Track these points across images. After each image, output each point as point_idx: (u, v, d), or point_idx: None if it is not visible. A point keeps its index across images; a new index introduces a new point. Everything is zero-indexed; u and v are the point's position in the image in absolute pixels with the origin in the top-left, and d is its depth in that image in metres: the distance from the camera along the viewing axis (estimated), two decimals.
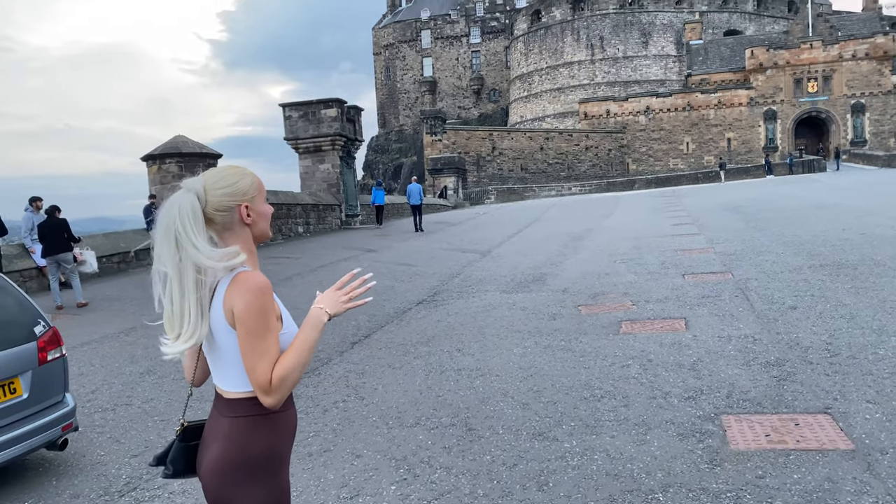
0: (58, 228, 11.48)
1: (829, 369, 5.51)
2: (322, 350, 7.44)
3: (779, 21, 74.74)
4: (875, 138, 59.97)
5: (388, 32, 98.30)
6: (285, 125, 25.30)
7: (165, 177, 18.32)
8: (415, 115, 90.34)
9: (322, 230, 24.04)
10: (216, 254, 2.02)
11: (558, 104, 76.61)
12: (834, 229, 14.00)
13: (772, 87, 61.65)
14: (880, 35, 60.57)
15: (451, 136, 60.87)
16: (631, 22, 74.03)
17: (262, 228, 2.18)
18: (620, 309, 8.50)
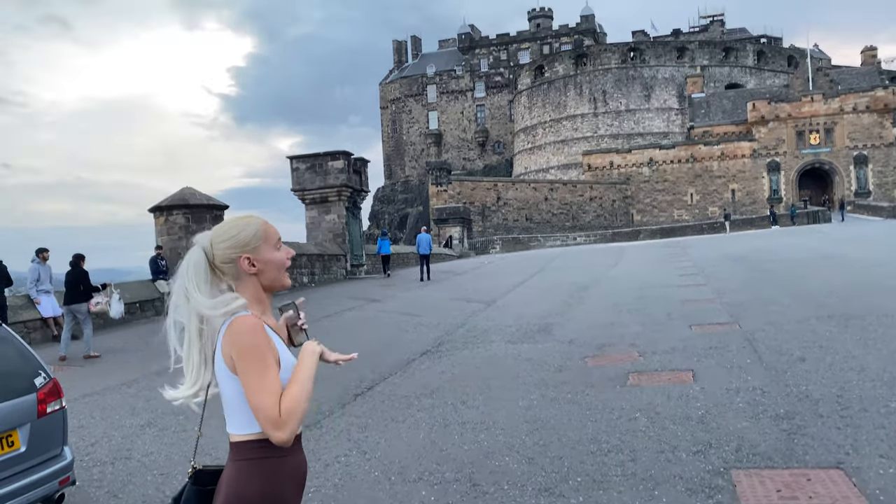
0: (75, 279, 11.59)
1: (840, 423, 5.40)
2: (324, 402, 7.35)
3: (779, 75, 76.02)
4: (879, 189, 60.23)
5: (395, 87, 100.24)
6: (292, 177, 25.58)
7: (172, 228, 18.46)
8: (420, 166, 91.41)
9: (327, 280, 24.05)
10: (211, 302, 2.09)
11: (562, 156, 77.45)
12: (841, 280, 13.93)
13: (774, 139, 62.27)
14: (880, 89, 61.43)
15: (457, 186, 61.42)
16: (633, 76, 75.35)
17: (272, 277, 2.19)
18: (627, 360, 8.41)
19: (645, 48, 77.45)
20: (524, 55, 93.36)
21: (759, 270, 17.44)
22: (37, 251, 13.54)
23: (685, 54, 75.68)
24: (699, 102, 70.24)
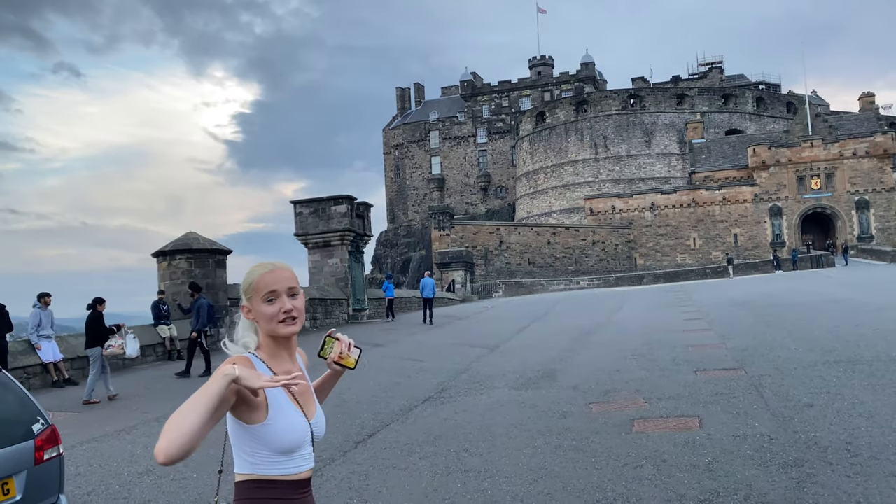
0: (88, 323, 11.83)
1: (850, 470, 5.29)
2: (325, 450, 7.24)
3: (778, 121, 76.83)
4: (882, 234, 60.27)
5: (398, 133, 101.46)
6: (296, 221, 25.72)
7: (175, 273, 18.48)
8: (423, 210, 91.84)
9: (329, 324, 23.95)
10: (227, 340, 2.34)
11: (564, 200, 77.86)
12: (847, 325, 13.83)
13: (775, 183, 62.61)
14: (879, 134, 61.98)
15: (459, 230, 61.60)
16: (633, 122, 76.23)
17: (265, 328, 2.28)
18: (632, 406, 8.30)
19: (645, 95, 78.51)
20: (525, 102, 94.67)
21: (764, 315, 17.34)
22: (38, 296, 13.54)
23: (685, 101, 76.68)
24: (700, 148, 70.88)
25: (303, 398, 2.32)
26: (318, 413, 2.38)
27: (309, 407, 2.33)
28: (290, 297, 2.28)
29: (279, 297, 2.25)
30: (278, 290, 2.26)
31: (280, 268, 2.32)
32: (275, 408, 2.19)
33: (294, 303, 2.28)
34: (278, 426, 2.18)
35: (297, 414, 2.24)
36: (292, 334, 2.30)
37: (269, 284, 2.26)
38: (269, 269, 2.31)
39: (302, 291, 2.35)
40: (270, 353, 2.31)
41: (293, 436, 2.20)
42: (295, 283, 2.32)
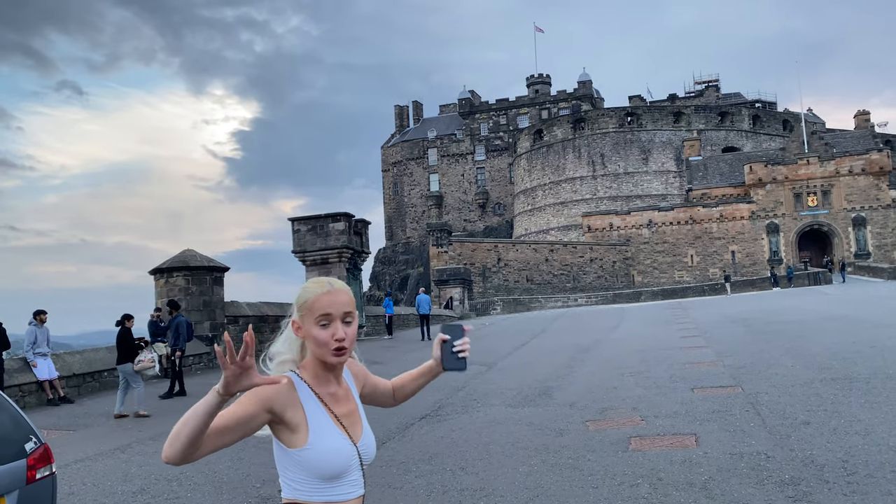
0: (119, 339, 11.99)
1: (846, 489, 5.28)
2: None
3: (774, 138, 77.27)
4: (878, 251, 60.41)
5: (397, 151, 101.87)
6: (293, 238, 25.74)
7: (172, 290, 18.46)
8: (421, 227, 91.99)
9: None
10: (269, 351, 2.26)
11: (562, 217, 78.05)
12: (844, 342, 13.83)
13: (772, 201, 62.84)
14: (875, 151, 62.34)
15: (457, 247, 61.65)
16: (630, 140, 76.63)
17: (314, 351, 2.15)
18: (629, 424, 8.28)
19: (642, 113, 79.00)
20: (523, 119, 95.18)
21: (762, 332, 17.33)
22: (34, 313, 13.51)
23: (682, 118, 77.14)
24: (696, 165, 71.18)
25: (349, 419, 2.18)
26: (365, 434, 2.22)
27: (355, 428, 2.18)
28: (345, 322, 2.12)
29: (333, 322, 2.11)
30: (333, 315, 2.11)
31: (338, 289, 2.16)
32: (315, 430, 2.06)
33: (347, 330, 2.13)
34: (319, 451, 2.04)
35: (340, 437, 2.10)
36: (340, 363, 2.17)
37: (325, 307, 2.11)
38: (326, 289, 2.15)
39: (356, 315, 2.21)
40: (315, 373, 2.17)
41: (336, 461, 2.06)
42: (351, 308, 2.15)
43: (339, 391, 2.21)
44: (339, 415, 2.15)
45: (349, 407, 2.22)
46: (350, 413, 2.20)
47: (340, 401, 2.20)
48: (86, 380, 14.52)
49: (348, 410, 2.20)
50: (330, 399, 2.17)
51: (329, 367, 2.17)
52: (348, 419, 2.18)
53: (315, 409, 2.09)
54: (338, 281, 2.20)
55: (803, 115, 74.09)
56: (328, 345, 2.09)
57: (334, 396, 2.18)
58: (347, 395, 2.26)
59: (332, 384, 2.20)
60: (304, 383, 2.13)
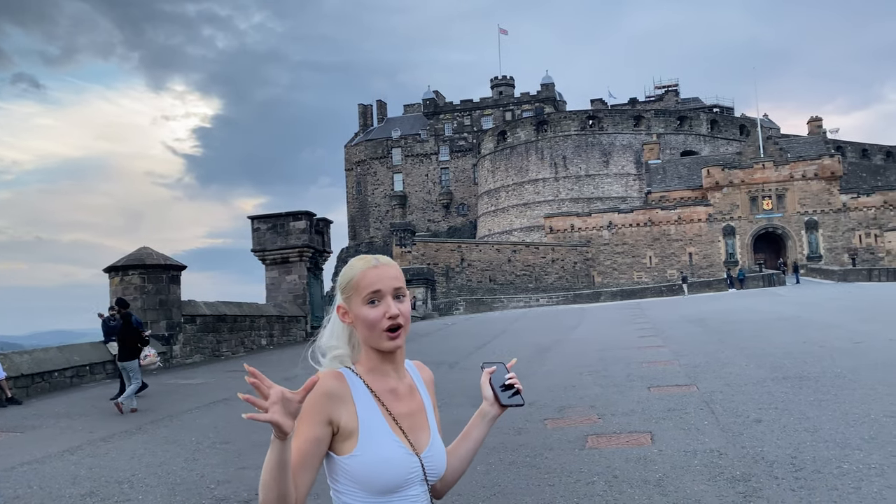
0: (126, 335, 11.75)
1: (794, 484, 5.41)
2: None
3: (731, 143, 78.98)
4: (830, 253, 62.16)
5: (360, 150, 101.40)
6: (253, 237, 25.42)
7: (128, 289, 18.08)
8: (385, 227, 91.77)
9: (286, 342, 23.65)
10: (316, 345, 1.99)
11: (525, 218, 78.61)
12: (795, 342, 14.19)
13: (729, 204, 64.20)
14: (827, 157, 64.14)
15: (421, 247, 61.64)
16: (592, 143, 77.59)
17: (364, 336, 1.88)
18: (587, 423, 8.36)
19: (603, 116, 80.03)
20: (487, 121, 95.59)
21: (717, 332, 17.68)
22: None
23: (642, 122, 78.36)
24: (656, 168, 72.36)
25: (411, 421, 1.86)
26: (433, 444, 1.88)
27: (419, 434, 1.86)
28: (396, 298, 1.87)
29: (383, 299, 1.84)
30: (382, 291, 1.85)
31: (385, 263, 1.92)
32: (366, 435, 1.77)
33: (400, 307, 1.86)
34: (367, 460, 1.75)
35: (395, 445, 1.79)
36: (396, 348, 1.87)
37: (373, 283, 1.85)
38: (372, 264, 1.90)
39: (409, 294, 1.96)
40: (370, 366, 1.89)
41: (388, 474, 1.75)
42: (402, 284, 1.90)
43: (400, 386, 1.91)
44: (397, 415, 1.84)
45: (412, 406, 1.90)
46: (413, 414, 1.89)
47: (402, 398, 1.90)
48: (35, 381, 14.11)
49: (410, 410, 1.89)
50: (388, 396, 1.87)
51: (386, 358, 1.89)
52: (410, 421, 1.86)
53: (368, 408, 1.81)
54: (385, 257, 1.97)
55: (759, 120, 75.89)
56: (379, 325, 1.83)
57: (394, 393, 1.88)
58: (412, 392, 1.94)
59: (391, 378, 1.90)
60: (358, 378, 1.85)
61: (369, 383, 1.85)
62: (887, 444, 6.31)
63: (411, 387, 1.95)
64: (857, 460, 5.87)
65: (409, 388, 1.93)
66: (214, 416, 10.57)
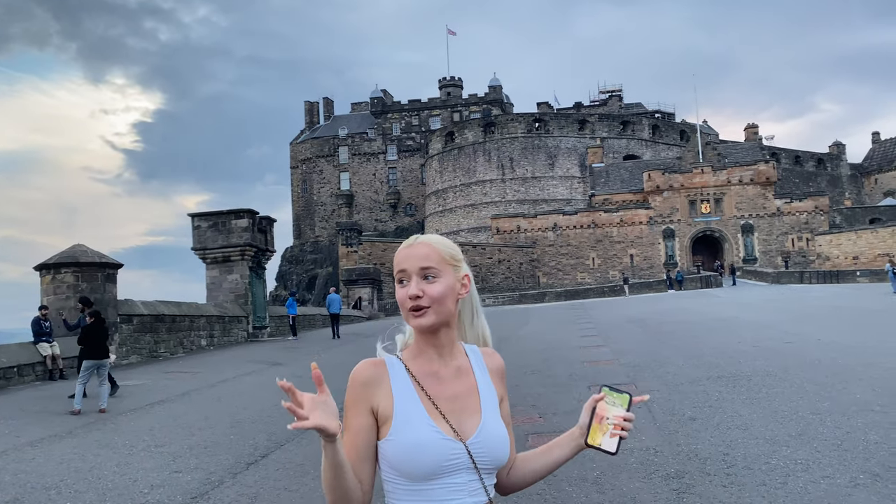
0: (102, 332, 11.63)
1: (725, 480, 5.57)
2: (213, 472, 6.96)
3: (672, 148, 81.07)
4: (764, 256, 64.41)
5: (306, 147, 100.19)
6: (193, 235, 24.84)
7: (60, 287, 17.43)
8: (331, 226, 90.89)
9: (227, 343, 23.18)
10: None
11: (472, 219, 79.02)
12: (730, 342, 14.63)
13: (669, 207, 65.89)
14: (762, 163, 66.46)
15: (367, 247, 61.28)
16: (538, 145, 78.57)
17: (403, 315, 1.86)
18: (528, 422, 8.43)
19: (549, 119, 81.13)
20: (435, 121, 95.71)
21: (656, 332, 18.10)
22: None
23: (586, 126, 79.75)
24: (599, 172, 73.75)
25: (454, 405, 1.78)
26: (483, 429, 1.77)
27: (464, 417, 1.77)
28: (424, 278, 1.80)
29: (410, 279, 1.81)
30: (408, 270, 1.81)
31: (420, 243, 1.86)
32: (400, 419, 1.73)
33: (426, 286, 1.78)
34: (399, 443, 1.70)
35: (429, 429, 1.72)
36: (421, 328, 1.80)
37: (400, 262, 1.84)
38: (408, 243, 1.87)
39: (448, 274, 1.83)
40: (416, 350, 1.86)
41: (421, 458, 1.69)
42: (431, 263, 1.81)
43: (444, 370, 1.84)
44: (436, 398, 1.77)
45: (457, 389, 1.82)
46: (457, 397, 1.80)
47: (444, 382, 1.82)
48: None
49: (455, 394, 1.80)
50: (428, 379, 1.81)
51: (427, 340, 1.83)
52: (452, 404, 1.78)
53: (405, 392, 1.77)
54: (433, 236, 1.90)
55: (699, 126, 78.15)
56: (405, 304, 1.80)
57: (435, 376, 1.82)
58: (459, 375, 1.85)
59: (434, 361, 1.84)
60: (400, 363, 1.83)
61: (411, 367, 1.82)
62: (813, 440, 6.56)
63: (459, 369, 1.86)
64: (785, 456, 6.08)
65: (455, 370, 1.85)
66: (150, 418, 10.27)
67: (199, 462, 7.41)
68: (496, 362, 1.95)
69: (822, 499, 5.01)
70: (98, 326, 11.64)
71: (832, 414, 7.54)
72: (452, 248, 1.88)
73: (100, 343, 11.49)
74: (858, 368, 10.24)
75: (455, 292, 1.84)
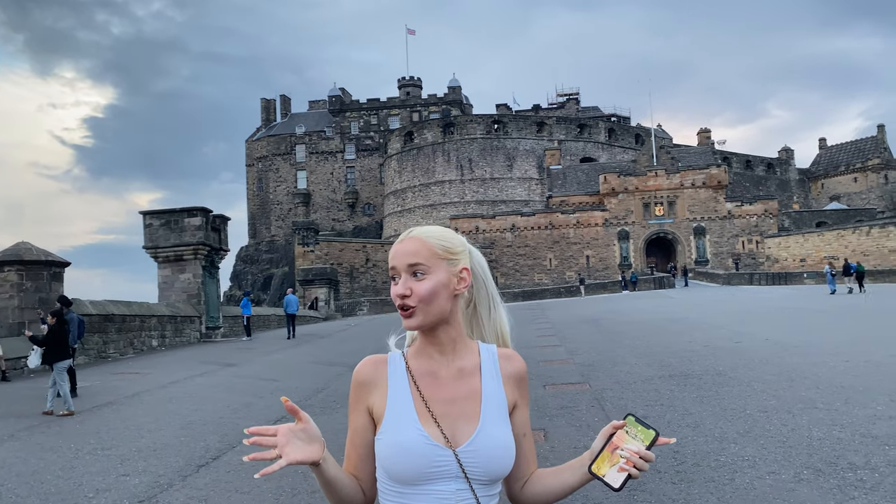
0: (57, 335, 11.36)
1: (675, 477, 5.67)
2: (163, 475, 6.80)
3: (627, 151, 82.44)
4: (715, 258, 65.94)
5: (262, 145, 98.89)
6: (145, 233, 24.30)
7: (3, 286, 16.86)
8: (287, 226, 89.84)
9: (179, 343, 22.72)
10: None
11: (431, 220, 79.00)
12: (682, 342, 14.93)
13: (624, 209, 66.97)
14: (714, 167, 68.05)
15: (325, 247, 60.77)
16: (497, 147, 79.04)
17: None
18: None
19: (508, 121, 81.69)
20: (394, 121, 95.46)
21: (610, 332, 18.36)
22: None
23: (544, 129, 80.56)
24: (556, 174, 74.59)
25: (448, 408, 1.67)
26: (479, 437, 1.63)
27: (460, 422, 1.65)
28: (413, 275, 1.68)
29: (400, 276, 1.70)
30: (397, 267, 1.70)
31: (410, 237, 1.73)
32: (390, 419, 1.65)
33: (414, 284, 1.67)
34: (386, 444, 1.62)
35: (416, 432, 1.61)
36: (409, 328, 1.71)
37: (390, 259, 1.74)
38: (401, 239, 1.75)
39: (440, 269, 1.70)
40: (420, 347, 1.76)
41: (406, 461, 1.59)
42: (420, 259, 1.68)
43: (444, 370, 1.72)
44: (430, 400, 1.67)
45: (455, 392, 1.70)
46: (454, 400, 1.68)
47: (442, 383, 1.71)
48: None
49: (452, 396, 1.69)
50: (425, 379, 1.71)
51: (426, 338, 1.73)
52: (448, 408, 1.66)
53: (400, 389, 1.69)
54: (428, 228, 1.77)
55: (653, 130, 79.70)
56: (396, 301, 1.70)
57: (434, 376, 1.71)
58: (460, 376, 1.72)
59: (435, 360, 1.73)
60: (402, 359, 1.74)
61: (412, 365, 1.73)
62: (759, 437, 6.73)
63: (462, 371, 1.73)
64: (733, 453, 6.22)
65: (457, 371, 1.72)
66: (97, 421, 9.99)
67: (147, 465, 7.24)
68: (513, 366, 1.79)
69: (768, 494, 5.14)
70: (62, 327, 11.53)
71: (778, 412, 7.74)
72: (448, 241, 1.75)
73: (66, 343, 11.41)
74: (804, 367, 10.54)
75: (450, 288, 1.70)
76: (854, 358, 11.12)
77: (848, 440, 6.38)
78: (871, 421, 7.02)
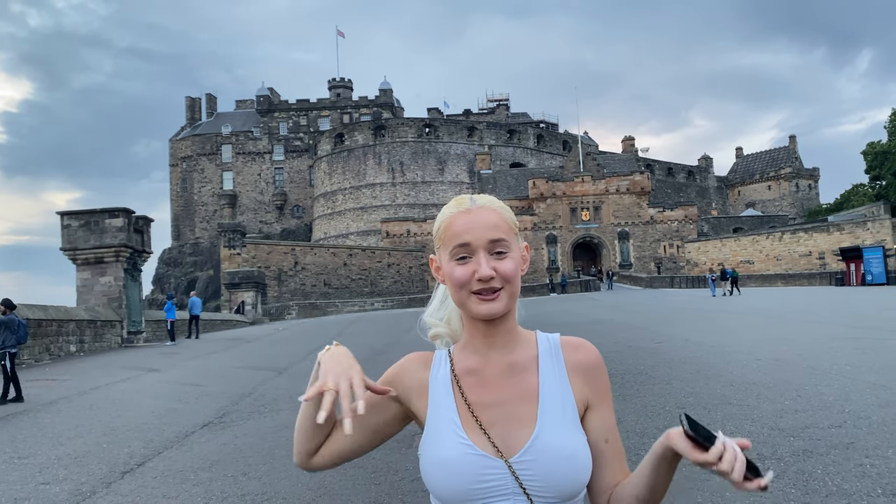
0: None
1: None
2: (85, 482, 6.61)
3: (555, 157, 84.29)
4: (639, 262, 68.13)
5: (187, 144, 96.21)
6: (63, 234, 23.30)
7: None
8: (213, 227, 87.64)
9: (99, 348, 21.90)
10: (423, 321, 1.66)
11: (362, 222, 78.64)
12: (606, 343, 15.41)
13: (552, 214, 68.40)
14: (638, 174, 70.34)
15: (252, 249, 59.59)
16: (428, 150, 79.38)
17: (454, 297, 1.47)
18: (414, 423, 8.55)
19: (439, 125, 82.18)
20: (324, 122, 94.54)
21: None
22: None
23: (475, 133, 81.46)
24: (487, 178, 75.51)
25: (497, 416, 1.42)
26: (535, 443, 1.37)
27: (510, 429, 1.40)
28: (495, 254, 1.43)
29: (475, 255, 1.43)
30: (473, 244, 1.43)
31: (482, 207, 1.47)
32: (430, 430, 1.43)
33: (498, 264, 1.42)
34: (427, 460, 1.41)
35: (457, 442, 1.39)
36: (493, 315, 1.42)
37: (460, 233, 1.44)
38: (465, 206, 1.47)
39: (516, 247, 1.49)
40: (465, 340, 1.52)
41: (449, 478, 1.36)
42: (501, 234, 1.44)
43: (490, 367, 1.47)
44: (475, 405, 1.43)
45: (504, 392, 1.45)
46: (504, 402, 1.43)
47: (488, 382, 1.47)
48: None
49: (500, 399, 1.44)
50: (469, 379, 1.47)
51: (483, 330, 1.47)
52: (495, 413, 1.42)
53: (442, 394, 1.46)
54: (488, 197, 1.51)
55: (580, 137, 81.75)
56: (467, 285, 1.42)
57: (478, 376, 1.47)
58: (511, 373, 1.47)
59: (480, 355, 1.49)
60: (447, 359, 1.51)
61: (456, 364, 1.50)
62: None
63: (513, 366, 1.48)
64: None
65: (507, 367, 1.47)
66: (12, 429, 9.57)
67: (68, 472, 7.01)
68: (582, 356, 1.51)
69: (683, 484, 5.43)
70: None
71: (695, 408, 8.14)
72: (512, 213, 1.54)
73: None
74: (719, 366, 11.09)
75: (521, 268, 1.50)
76: (764, 356, 11.77)
77: (758, 433, 6.79)
78: (779, 415, 7.49)
